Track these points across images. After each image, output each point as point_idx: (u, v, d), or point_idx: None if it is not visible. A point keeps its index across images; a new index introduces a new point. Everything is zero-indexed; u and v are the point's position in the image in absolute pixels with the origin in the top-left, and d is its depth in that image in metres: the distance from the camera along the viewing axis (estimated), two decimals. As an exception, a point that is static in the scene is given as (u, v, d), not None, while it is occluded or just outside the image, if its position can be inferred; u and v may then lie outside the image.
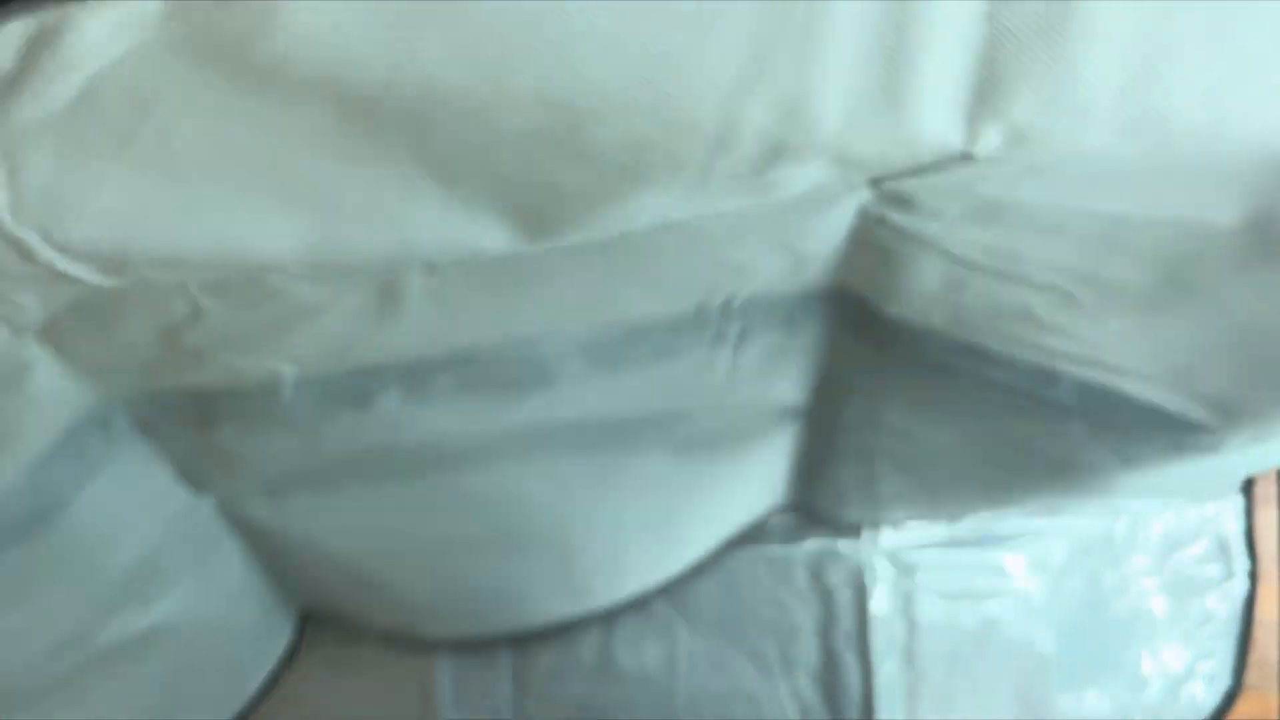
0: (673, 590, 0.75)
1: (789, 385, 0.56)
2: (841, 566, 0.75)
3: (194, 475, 0.51)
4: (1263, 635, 0.76)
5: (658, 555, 0.72)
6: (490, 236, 0.34)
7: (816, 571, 0.76)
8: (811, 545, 0.76)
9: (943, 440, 0.58)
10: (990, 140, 0.31)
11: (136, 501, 0.49)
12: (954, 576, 0.76)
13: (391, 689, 0.74)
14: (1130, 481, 0.57)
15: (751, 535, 0.75)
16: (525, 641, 0.74)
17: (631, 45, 0.28)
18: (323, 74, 0.28)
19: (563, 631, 0.74)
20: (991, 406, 0.52)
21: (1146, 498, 0.71)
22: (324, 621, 0.73)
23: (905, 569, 0.76)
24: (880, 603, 0.75)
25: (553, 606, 0.72)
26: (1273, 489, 0.76)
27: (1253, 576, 0.76)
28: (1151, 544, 0.77)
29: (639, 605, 0.74)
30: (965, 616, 0.76)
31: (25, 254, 0.30)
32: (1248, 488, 0.75)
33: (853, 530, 0.75)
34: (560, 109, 0.29)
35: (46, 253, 0.30)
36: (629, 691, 0.75)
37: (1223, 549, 0.76)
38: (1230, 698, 0.76)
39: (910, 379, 0.52)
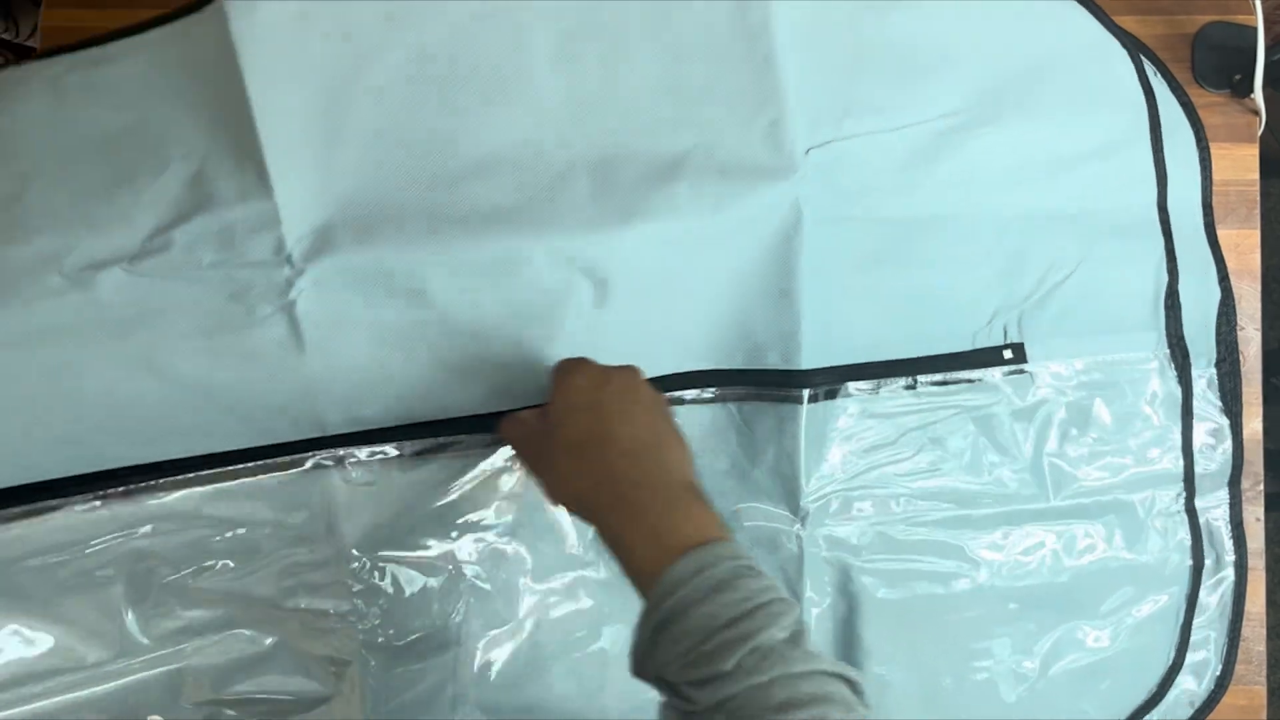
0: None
1: None
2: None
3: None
4: (1250, 628, 0.78)
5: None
6: None
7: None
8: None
9: None
10: None
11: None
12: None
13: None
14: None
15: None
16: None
17: None
18: None
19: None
20: None
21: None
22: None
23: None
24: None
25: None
26: (1260, 483, 0.79)
27: (1241, 568, 0.77)
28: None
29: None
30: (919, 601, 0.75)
31: None
32: (1236, 480, 0.78)
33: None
34: None
35: None
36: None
37: (1212, 541, 0.78)
38: (1220, 689, 0.77)
39: None
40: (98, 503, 0.62)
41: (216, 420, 0.63)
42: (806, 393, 0.70)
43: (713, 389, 0.71)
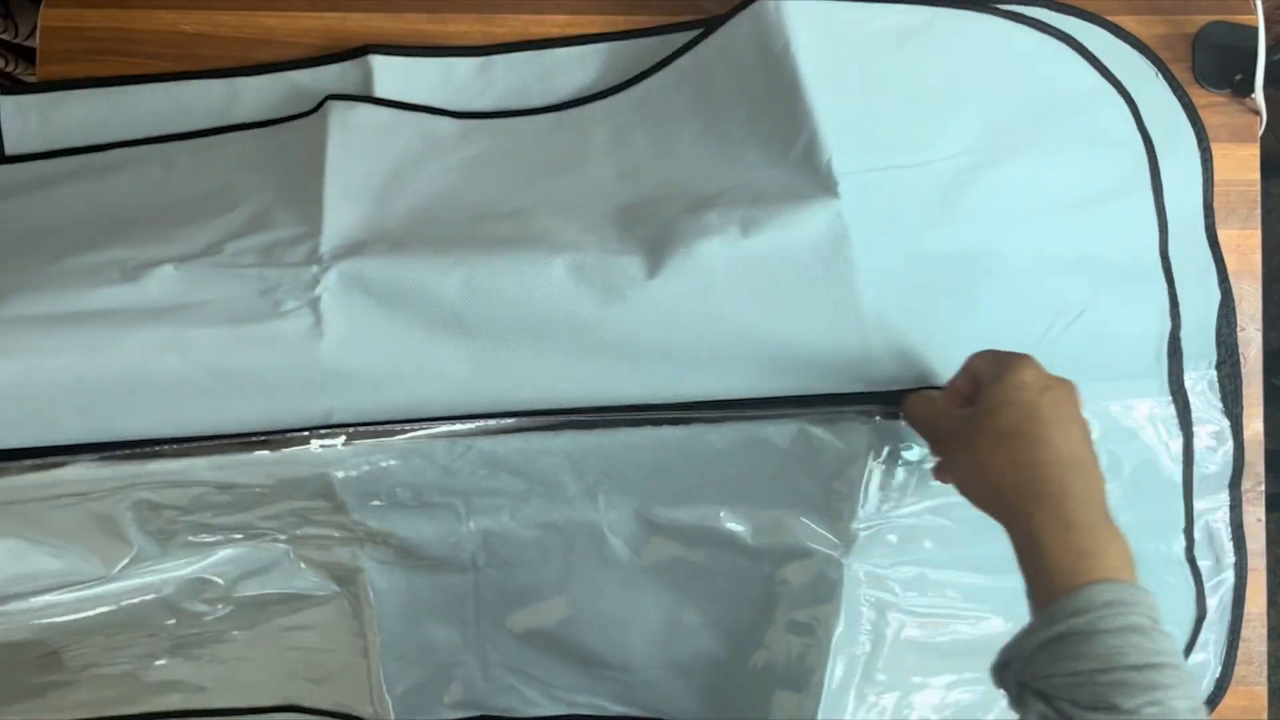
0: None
1: None
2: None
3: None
4: (1251, 628, 0.78)
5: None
6: None
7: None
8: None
9: None
10: None
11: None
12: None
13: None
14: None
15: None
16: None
17: None
18: None
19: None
20: None
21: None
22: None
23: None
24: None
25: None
26: (1260, 483, 0.79)
27: (1240, 570, 0.77)
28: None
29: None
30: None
31: None
32: (1236, 482, 0.78)
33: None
34: None
35: None
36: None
37: (1212, 543, 0.78)
38: (1221, 690, 0.77)
39: None
40: (102, 463, 0.65)
41: (227, 404, 0.65)
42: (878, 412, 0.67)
43: (788, 410, 0.67)
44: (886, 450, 0.68)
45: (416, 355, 0.65)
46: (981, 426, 0.56)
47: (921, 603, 0.72)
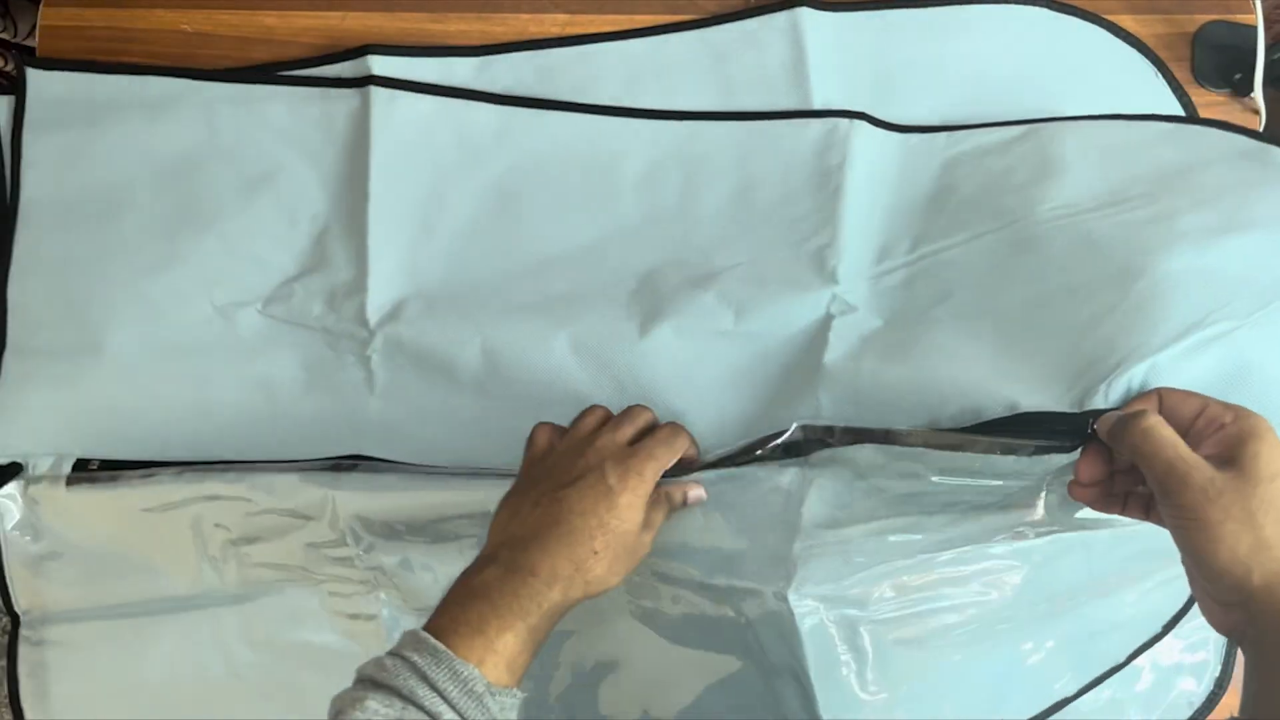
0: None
1: None
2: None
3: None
4: (1250, 628, 0.78)
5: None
6: None
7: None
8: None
9: None
10: None
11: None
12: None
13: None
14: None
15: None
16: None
17: None
18: None
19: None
20: None
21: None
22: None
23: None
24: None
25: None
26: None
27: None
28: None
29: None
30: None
31: None
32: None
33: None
34: None
35: None
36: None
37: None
38: (1220, 689, 0.77)
39: None
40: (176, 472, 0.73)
41: (293, 440, 0.75)
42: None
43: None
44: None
45: (438, 408, 0.74)
46: (1265, 496, 0.48)
47: (892, 606, 0.66)
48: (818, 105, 0.76)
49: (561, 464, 0.59)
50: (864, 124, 0.74)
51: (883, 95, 0.77)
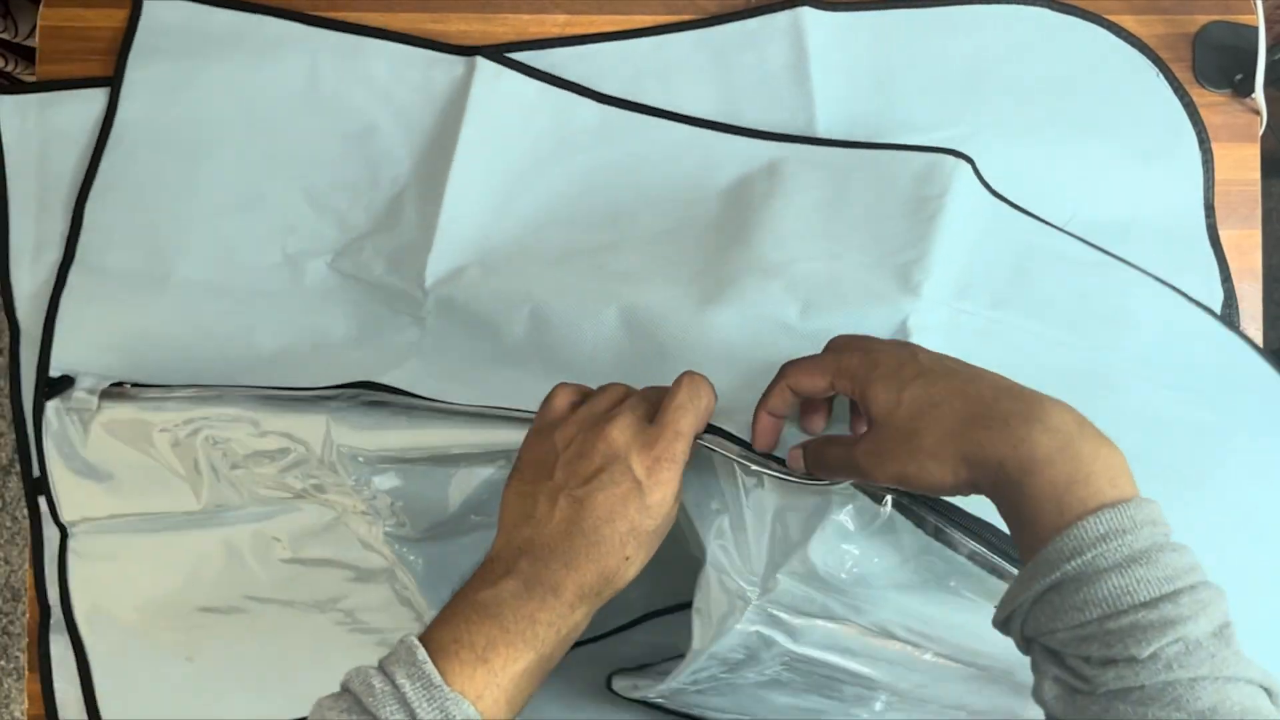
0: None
1: None
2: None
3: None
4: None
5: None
6: None
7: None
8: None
9: None
10: None
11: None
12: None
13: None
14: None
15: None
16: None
17: None
18: None
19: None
20: None
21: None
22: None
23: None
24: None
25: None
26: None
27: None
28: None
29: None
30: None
31: None
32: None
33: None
34: None
35: None
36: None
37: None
38: (1222, 690, 0.77)
39: None
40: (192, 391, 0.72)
41: (321, 380, 0.70)
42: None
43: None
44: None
45: (482, 366, 0.73)
46: (902, 429, 0.48)
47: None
48: (819, 105, 0.76)
49: (580, 451, 0.52)
50: (967, 167, 0.72)
51: (884, 95, 0.77)
